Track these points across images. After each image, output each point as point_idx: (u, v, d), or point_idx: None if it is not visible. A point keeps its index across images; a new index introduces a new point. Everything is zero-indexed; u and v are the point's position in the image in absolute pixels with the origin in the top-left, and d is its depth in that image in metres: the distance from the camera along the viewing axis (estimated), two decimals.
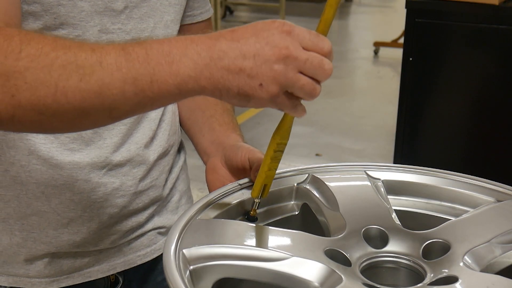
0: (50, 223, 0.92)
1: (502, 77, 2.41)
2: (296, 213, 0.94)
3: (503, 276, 0.73)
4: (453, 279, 0.74)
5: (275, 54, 0.66)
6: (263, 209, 0.91)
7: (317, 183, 0.94)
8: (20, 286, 0.95)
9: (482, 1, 2.30)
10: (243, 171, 0.92)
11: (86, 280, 0.97)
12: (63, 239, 0.93)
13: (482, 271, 0.77)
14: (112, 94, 0.67)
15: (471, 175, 0.95)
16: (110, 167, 0.93)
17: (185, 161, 1.13)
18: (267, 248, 0.77)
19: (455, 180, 0.95)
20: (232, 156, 0.94)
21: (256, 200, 0.86)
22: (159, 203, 1.04)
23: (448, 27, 2.41)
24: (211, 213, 0.85)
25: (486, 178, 0.94)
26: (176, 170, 1.08)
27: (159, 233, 1.05)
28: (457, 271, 0.75)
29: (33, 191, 0.91)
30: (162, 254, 0.97)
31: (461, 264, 0.76)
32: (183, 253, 0.74)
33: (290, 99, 0.70)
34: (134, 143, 0.96)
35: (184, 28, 1.06)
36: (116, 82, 0.67)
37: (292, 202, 0.95)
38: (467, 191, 0.93)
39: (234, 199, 0.89)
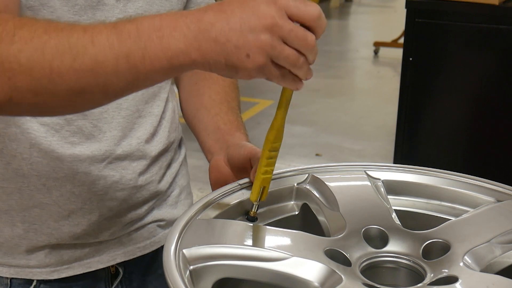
0: (51, 215, 0.93)
1: (502, 77, 2.41)
2: (296, 213, 0.94)
3: (503, 276, 0.74)
4: (453, 279, 0.74)
5: (261, 23, 0.66)
6: (263, 209, 0.91)
7: (317, 183, 0.94)
8: (21, 277, 0.96)
9: (482, 1, 2.30)
10: (245, 170, 0.92)
11: (86, 271, 0.98)
12: (64, 231, 0.94)
13: (482, 271, 0.77)
14: (105, 72, 0.68)
15: (471, 175, 0.95)
16: (110, 160, 0.94)
17: (185, 157, 1.13)
18: (267, 248, 0.77)
19: (455, 180, 0.95)
20: (235, 155, 0.94)
21: (255, 203, 0.86)
22: (159, 197, 1.04)
23: (448, 27, 2.41)
24: (211, 213, 0.85)
25: (486, 178, 0.94)
26: (175, 165, 1.08)
27: (159, 226, 1.05)
28: (457, 271, 0.75)
29: (34, 183, 0.91)
30: (162, 246, 0.97)
31: (461, 264, 0.76)
32: (183, 253, 0.74)
33: (278, 69, 0.70)
34: (135, 137, 0.97)
35: None
36: (109, 59, 0.68)
37: (292, 202, 0.95)
38: (467, 191, 0.93)
39: (234, 199, 0.89)
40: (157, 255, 1.05)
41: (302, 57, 0.69)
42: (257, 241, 0.79)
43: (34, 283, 0.96)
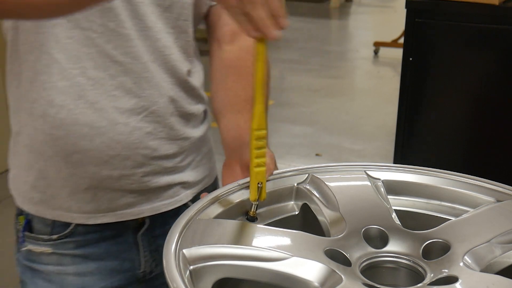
0: (92, 160, 1.04)
1: (502, 77, 2.40)
2: (296, 213, 0.94)
3: (503, 276, 0.74)
4: (453, 279, 0.74)
5: None
6: (263, 209, 0.91)
7: (317, 183, 0.94)
8: (62, 220, 1.08)
9: (482, 1, 2.30)
10: None
11: (119, 220, 1.09)
12: (103, 174, 1.05)
13: (482, 271, 0.77)
14: None
15: (471, 175, 0.95)
16: (146, 114, 1.05)
17: (209, 124, 1.22)
18: (267, 248, 0.77)
19: (455, 180, 0.95)
20: (245, 155, 0.97)
21: (254, 203, 0.87)
22: (183, 156, 1.13)
23: (448, 27, 2.41)
24: (211, 213, 0.85)
25: (486, 178, 0.94)
26: (203, 128, 1.18)
27: (183, 187, 1.15)
28: (457, 271, 0.75)
29: (78, 131, 1.02)
30: (184, 204, 1.15)
31: (461, 264, 0.76)
32: (183, 253, 0.74)
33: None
34: (167, 96, 1.06)
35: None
36: None
37: (292, 202, 0.95)
38: (467, 191, 0.93)
39: (234, 199, 0.89)
40: (177, 211, 1.14)
41: (266, 21, 0.77)
42: (257, 241, 0.80)
43: (73, 225, 1.08)
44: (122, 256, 1.12)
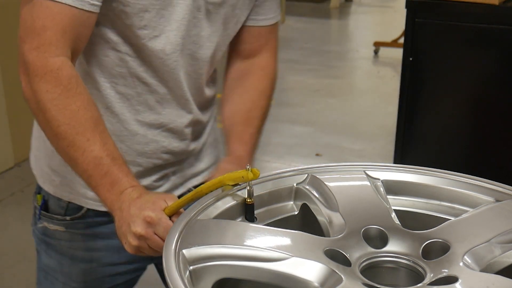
0: None
1: (502, 77, 2.40)
2: (296, 213, 0.94)
3: (503, 276, 0.74)
4: (453, 279, 0.74)
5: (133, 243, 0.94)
6: (263, 209, 0.91)
7: (317, 183, 0.94)
8: (76, 203, 1.20)
9: (482, 1, 2.30)
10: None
11: None
12: None
13: (482, 271, 0.77)
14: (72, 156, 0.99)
15: (471, 175, 0.95)
16: (163, 129, 1.17)
17: (214, 115, 1.33)
18: (267, 248, 0.77)
19: (455, 180, 0.95)
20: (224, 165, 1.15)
21: (248, 188, 0.87)
22: (192, 157, 1.25)
23: (448, 27, 2.41)
24: (211, 213, 0.85)
25: (486, 178, 0.94)
26: (209, 127, 1.29)
27: (185, 181, 1.27)
28: (457, 271, 0.75)
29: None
30: (193, 186, 1.27)
31: (461, 264, 0.76)
32: (183, 254, 0.74)
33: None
34: (186, 118, 1.17)
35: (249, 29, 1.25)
36: (83, 164, 0.99)
37: (292, 202, 0.95)
38: (467, 191, 0.93)
39: (234, 199, 0.89)
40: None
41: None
42: (257, 241, 0.80)
43: (84, 209, 1.20)
44: None
